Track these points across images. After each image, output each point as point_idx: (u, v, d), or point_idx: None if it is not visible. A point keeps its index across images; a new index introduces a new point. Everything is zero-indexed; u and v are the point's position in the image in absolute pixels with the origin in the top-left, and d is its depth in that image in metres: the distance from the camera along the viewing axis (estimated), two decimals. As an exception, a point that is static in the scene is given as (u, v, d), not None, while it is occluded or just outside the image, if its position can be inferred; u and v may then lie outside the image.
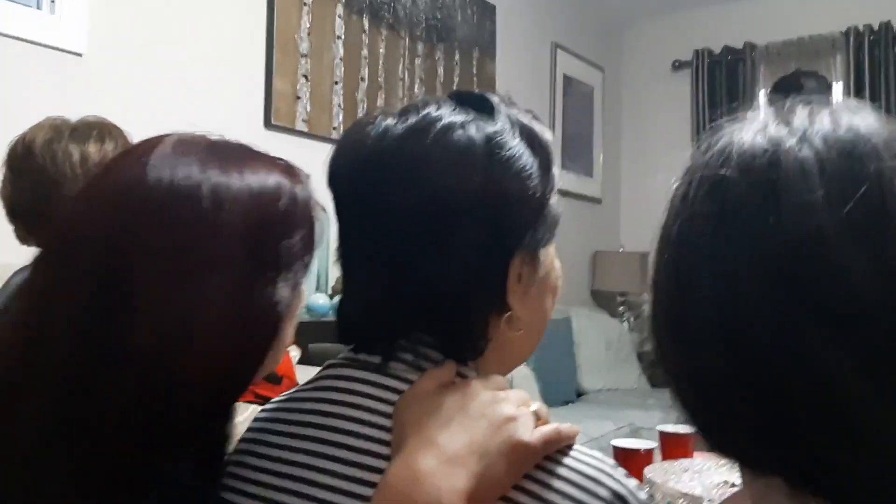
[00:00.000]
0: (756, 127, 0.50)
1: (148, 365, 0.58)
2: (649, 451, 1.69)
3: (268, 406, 0.73)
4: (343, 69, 3.12)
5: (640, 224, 4.62)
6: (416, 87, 3.51)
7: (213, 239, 0.61)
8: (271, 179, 0.66)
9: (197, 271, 0.60)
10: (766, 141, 0.48)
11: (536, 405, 0.63)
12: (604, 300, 4.71)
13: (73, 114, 1.51)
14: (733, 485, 1.40)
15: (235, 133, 0.72)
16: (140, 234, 0.60)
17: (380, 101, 3.30)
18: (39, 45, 2.13)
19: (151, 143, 0.65)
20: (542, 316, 0.73)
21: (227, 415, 0.68)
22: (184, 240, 0.60)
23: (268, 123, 2.82)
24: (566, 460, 0.61)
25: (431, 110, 0.67)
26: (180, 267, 0.60)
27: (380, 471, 0.61)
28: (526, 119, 0.70)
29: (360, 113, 3.19)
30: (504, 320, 0.67)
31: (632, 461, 1.58)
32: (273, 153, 0.71)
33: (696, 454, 1.71)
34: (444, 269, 0.64)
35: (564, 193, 0.73)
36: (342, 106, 3.11)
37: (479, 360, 0.68)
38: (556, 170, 0.72)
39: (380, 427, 0.63)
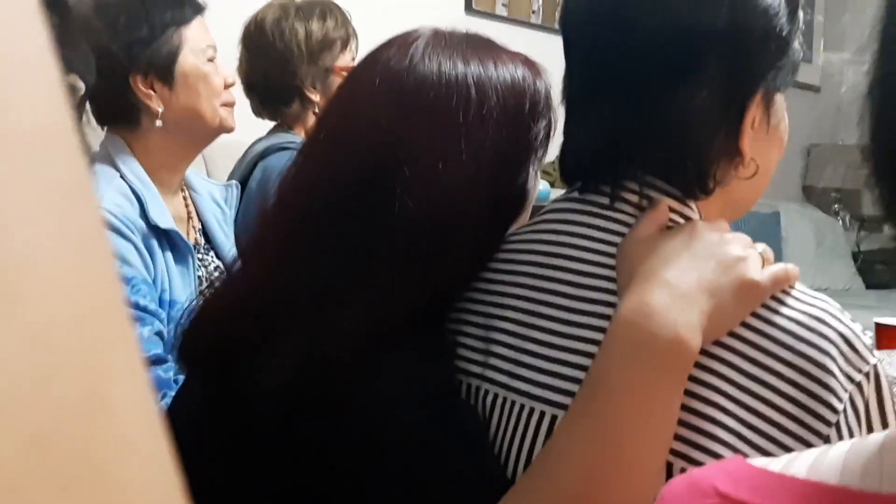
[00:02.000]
0: None
1: (415, 232, 0.66)
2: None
3: None
4: (544, -51, 3.04)
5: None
6: (620, -34, 3.35)
7: (480, 125, 0.68)
8: (519, 72, 0.71)
9: (466, 153, 0.67)
10: None
11: (761, 246, 0.64)
12: (817, 197, 4.39)
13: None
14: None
15: (436, 18, 0.76)
16: (415, 119, 0.67)
17: (581, -17, 3.19)
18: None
19: (411, 37, 0.71)
20: (768, 166, 0.72)
21: (467, 279, 0.75)
22: (454, 125, 0.67)
23: (468, 8, 2.83)
24: (791, 300, 0.61)
25: None
26: (451, 149, 0.67)
27: (601, 303, 0.64)
28: None
29: (561, -4, 3.12)
30: (734, 164, 0.67)
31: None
32: None
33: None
34: (682, 104, 0.64)
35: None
36: (542, -11, 3.05)
37: (701, 203, 0.68)
38: (802, 11, 0.69)
39: (603, 265, 0.65)
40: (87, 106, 1.13)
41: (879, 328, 1.65)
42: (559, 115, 0.74)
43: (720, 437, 0.58)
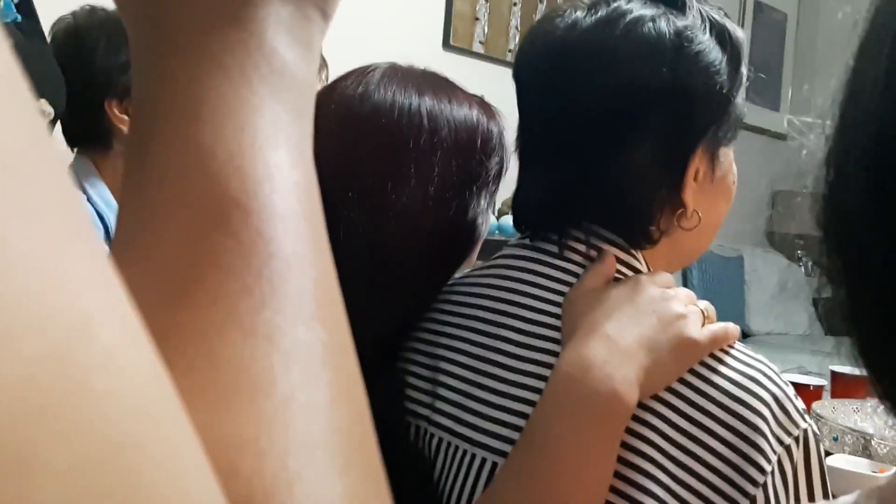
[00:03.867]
0: None
1: (363, 258, 0.67)
2: (818, 388, 1.64)
3: (448, 285, 0.77)
4: (522, -10, 3.11)
5: (828, 164, 4.31)
6: (596, 10, 3.43)
7: (430, 153, 0.69)
8: (473, 110, 0.72)
9: (416, 178, 0.68)
10: None
11: (704, 304, 0.65)
12: (781, 242, 4.48)
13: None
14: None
15: (414, 53, 0.79)
16: (366, 143, 0.69)
17: (557, 25, 3.26)
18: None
19: (368, 68, 0.73)
20: (715, 218, 0.73)
21: (416, 316, 0.75)
22: (405, 150, 0.68)
23: (446, 44, 2.87)
24: (729, 360, 0.62)
25: (622, 3, 0.68)
26: (401, 174, 0.68)
27: (546, 352, 0.65)
28: (718, 15, 0.71)
29: (537, 36, 3.18)
30: (677, 216, 0.69)
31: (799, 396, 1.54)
32: (449, 74, 0.77)
33: (870, 399, 1.64)
34: (625, 158, 0.66)
35: (745, 127, 0.73)
36: (519, 28, 3.10)
37: (648, 253, 0.70)
38: (745, 68, 0.71)
39: (550, 314, 0.66)
40: (56, 128, 1.13)
41: (835, 376, 1.68)
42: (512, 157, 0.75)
43: (652, 490, 0.59)
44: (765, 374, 0.62)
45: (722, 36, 0.69)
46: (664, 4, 0.69)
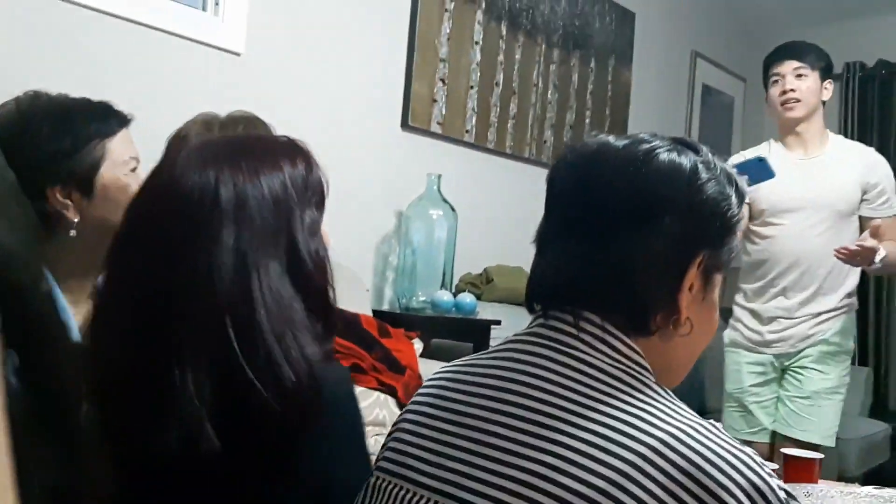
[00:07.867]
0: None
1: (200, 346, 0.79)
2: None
3: (447, 366, 0.87)
4: (479, 74, 3.18)
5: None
6: (550, 93, 3.52)
7: (241, 225, 0.80)
8: (277, 177, 0.84)
9: (229, 242, 0.79)
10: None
11: None
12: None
13: (230, 108, 1.63)
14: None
15: (373, 132, 0.82)
16: (174, 225, 0.80)
17: (512, 106, 3.33)
18: (203, 44, 2.30)
19: (181, 149, 0.85)
20: (700, 337, 0.80)
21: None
22: (212, 228, 0.79)
23: (404, 124, 2.91)
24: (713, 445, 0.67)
25: (646, 136, 0.81)
26: (211, 243, 0.79)
27: (552, 428, 0.70)
28: (726, 166, 0.82)
29: (493, 117, 3.24)
30: (673, 320, 0.76)
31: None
32: (408, 153, 0.84)
33: (820, 481, 1.63)
34: (635, 252, 0.75)
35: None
36: (475, 110, 3.17)
37: (644, 350, 0.75)
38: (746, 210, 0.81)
39: (552, 404, 0.72)
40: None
41: (787, 459, 1.67)
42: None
43: None
44: (745, 464, 0.66)
45: (729, 177, 0.80)
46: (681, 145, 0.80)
